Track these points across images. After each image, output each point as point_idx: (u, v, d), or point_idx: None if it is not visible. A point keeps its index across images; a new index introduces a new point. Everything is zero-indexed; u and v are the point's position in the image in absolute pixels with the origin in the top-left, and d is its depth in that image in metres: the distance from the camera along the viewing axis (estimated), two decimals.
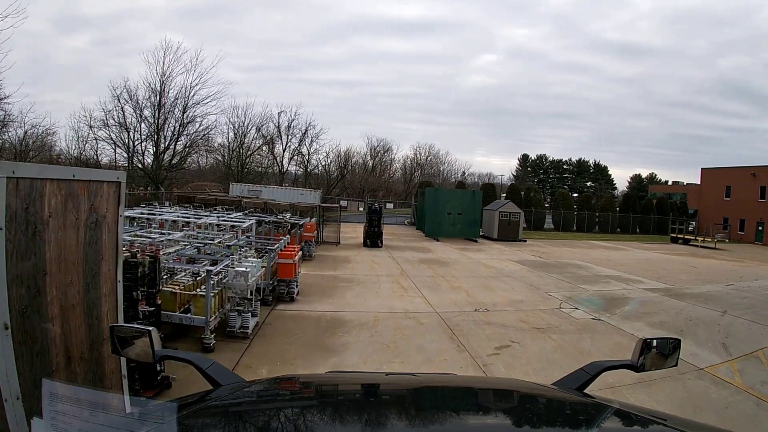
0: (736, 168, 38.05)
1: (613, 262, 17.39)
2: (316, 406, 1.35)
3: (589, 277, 13.24)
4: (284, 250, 8.72)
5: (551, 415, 1.36)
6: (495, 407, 1.41)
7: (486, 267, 13.77)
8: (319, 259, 13.53)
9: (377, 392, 1.51)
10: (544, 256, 17.77)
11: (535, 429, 1.21)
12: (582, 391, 1.53)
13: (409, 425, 1.15)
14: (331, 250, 15.80)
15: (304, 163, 44.69)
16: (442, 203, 21.70)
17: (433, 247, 18.06)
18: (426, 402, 1.42)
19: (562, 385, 1.59)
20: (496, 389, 1.71)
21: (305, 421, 1.16)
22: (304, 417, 1.20)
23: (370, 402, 1.42)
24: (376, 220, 17.27)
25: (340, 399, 1.47)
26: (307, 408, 1.31)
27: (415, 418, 1.22)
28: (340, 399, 1.47)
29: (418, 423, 1.18)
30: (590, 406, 1.39)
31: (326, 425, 1.12)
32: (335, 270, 11.81)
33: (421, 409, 1.33)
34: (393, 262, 13.57)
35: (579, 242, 26.33)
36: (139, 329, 1.50)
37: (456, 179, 56.11)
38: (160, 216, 11.87)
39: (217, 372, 1.51)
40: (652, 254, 21.76)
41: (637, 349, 1.60)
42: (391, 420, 1.18)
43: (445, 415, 1.25)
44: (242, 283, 6.42)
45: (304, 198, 23.50)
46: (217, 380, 1.47)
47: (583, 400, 1.43)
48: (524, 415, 1.34)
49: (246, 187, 25.39)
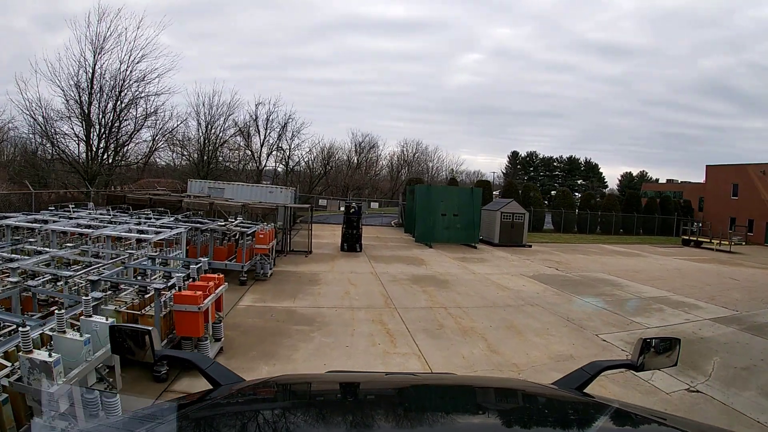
0: (744, 165, 35.56)
1: (643, 274, 14.31)
2: (315, 405, 1.34)
3: (633, 302, 10.06)
4: (193, 286, 5.26)
5: (551, 414, 1.33)
6: (495, 407, 1.40)
7: (498, 288, 10.45)
8: (278, 278, 10.05)
9: (377, 392, 1.48)
10: (560, 267, 14.56)
11: (535, 428, 1.18)
12: (582, 391, 1.50)
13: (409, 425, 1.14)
14: (299, 262, 12.34)
15: (285, 159, 41.43)
16: (435, 203, 18.32)
17: (426, 257, 14.70)
18: (426, 401, 1.39)
19: (562, 385, 1.55)
20: (496, 388, 1.69)
21: (305, 421, 1.14)
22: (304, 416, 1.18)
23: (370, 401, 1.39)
24: (354, 221, 15.10)
25: (339, 398, 1.46)
26: (306, 407, 1.30)
27: (415, 417, 1.20)
28: (339, 398, 1.46)
29: (418, 422, 1.17)
30: (590, 405, 1.37)
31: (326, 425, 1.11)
32: (294, 299, 8.34)
33: (422, 408, 1.31)
34: (376, 282, 10.16)
35: (587, 246, 23.34)
36: (138, 329, 1.51)
37: (446, 176, 52.90)
38: (52, 225, 8.31)
39: (217, 372, 1.49)
40: (676, 261, 18.82)
41: (637, 349, 1.58)
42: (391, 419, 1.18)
43: (445, 414, 1.25)
44: (44, 386, 2.99)
45: (273, 197, 19.90)
46: (217, 380, 1.45)
47: (583, 400, 1.41)
48: (524, 415, 1.32)
49: (207, 184, 21.67)
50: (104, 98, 18.25)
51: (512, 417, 1.28)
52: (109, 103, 18.59)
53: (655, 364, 1.64)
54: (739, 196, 35.68)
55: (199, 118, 28.37)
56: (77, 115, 17.86)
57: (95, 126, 18.33)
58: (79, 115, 17.82)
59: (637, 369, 1.60)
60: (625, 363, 1.64)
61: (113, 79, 18.58)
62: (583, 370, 1.60)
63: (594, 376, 1.56)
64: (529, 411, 1.37)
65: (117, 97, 18.54)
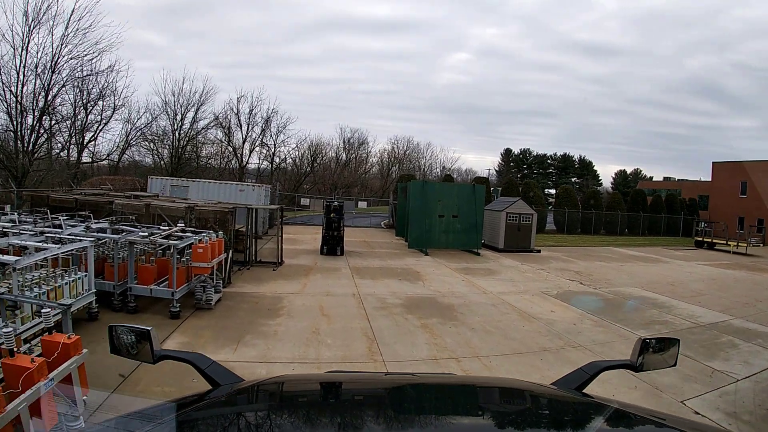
0: (754, 162, 33.60)
1: (680, 288, 11.96)
2: (314, 405, 1.32)
3: (696, 335, 7.67)
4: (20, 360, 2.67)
5: (551, 414, 1.33)
6: (494, 406, 1.39)
7: (522, 317, 7.94)
8: (227, 306, 7.44)
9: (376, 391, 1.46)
10: (583, 279, 12.13)
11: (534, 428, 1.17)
12: (581, 391, 1.48)
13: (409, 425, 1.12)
14: (263, 278, 9.73)
15: (270, 156, 38.82)
16: (432, 202, 15.75)
17: (422, 268, 12.16)
18: (425, 401, 1.37)
19: (562, 385, 1.54)
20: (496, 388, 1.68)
21: (304, 421, 1.12)
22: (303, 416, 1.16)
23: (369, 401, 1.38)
24: (336, 222, 13.84)
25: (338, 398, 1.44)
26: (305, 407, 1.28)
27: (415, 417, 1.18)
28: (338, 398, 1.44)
29: (418, 422, 1.15)
30: (589, 405, 1.35)
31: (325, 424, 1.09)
32: (236, 345, 5.69)
33: (421, 408, 1.29)
34: (358, 311, 7.58)
35: (598, 249, 21.07)
36: (137, 329, 1.52)
37: (439, 174, 50.41)
38: None
39: (217, 372, 1.48)
40: (701, 268, 16.56)
41: (636, 349, 1.58)
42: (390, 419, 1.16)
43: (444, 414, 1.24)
44: None
45: (244, 195, 17.25)
46: (217, 380, 1.45)
47: (582, 400, 1.39)
48: (523, 415, 1.30)
49: (169, 181, 18.94)
50: (37, 80, 15.26)
51: (512, 417, 1.26)
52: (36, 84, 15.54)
53: (654, 364, 1.62)
54: (747, 195, 33.79)
55: (167, 108, 25.41)
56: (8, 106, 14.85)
57: (27, 112, 15.33)
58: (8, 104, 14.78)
59: (636, 369, 1.58)
60: (624, 363, 1.60)
61: (47, 56, 15.60)
62: (583, 370, 1.57)
63: (593, 376, 1.54)
64: (529, 411, 1.34)
65: (50, 75, 15.54)
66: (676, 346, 1.66)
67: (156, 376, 4.39)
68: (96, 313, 6.85)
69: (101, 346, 5.20)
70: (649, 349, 1.60)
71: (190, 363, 1.52)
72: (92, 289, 6.75)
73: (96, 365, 3.97)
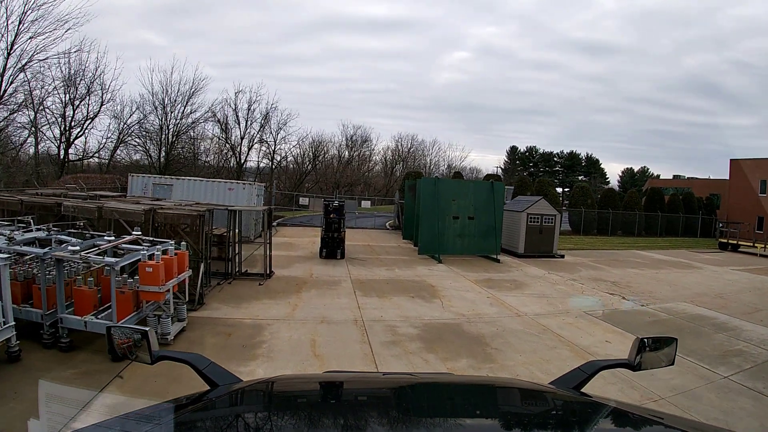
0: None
1: (730, 301, 10.24)
2: (313, 405, 1.30)
3: None
4: None
5: (549, 414, 1.30)
6: (492, 406, 1.37)
7: (575, 352, 6.12)
8: (190, 340, 5.71)
9: (375, 391, 1.44)
10: (625, 292, 10.33)
11: (533, 428, 1.14)
12: (579, 391, 1.46)
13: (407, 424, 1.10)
14: (245, 296, 7.99)
15: (270, 154, 37.07)
16: (445, 202, 13.95)
17: (437, 280, 10.39)
18: (423, 401, 1.33)
19: (560, 385, 1.52)
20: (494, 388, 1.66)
21: (302, 421, 1.11)
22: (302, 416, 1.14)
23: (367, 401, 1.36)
24: (336, 222, 12.97)
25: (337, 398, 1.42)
26: (304, 407, 1.25)
27: (413, 417, 1.16)
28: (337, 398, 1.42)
29: (416, 422, 1.12)
30: (588, 405, 1.33)
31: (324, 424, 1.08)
32: None
33: (419, 408, 1.25)
34: (361, 350, 5.79)
35: (623, 253, 19.37)
36: (136, 330, 1.48)
37: (444, 173, 48.48)
38: None
39: (215, 372, 1.45)
40: (738, 275, 14.74)
41: (634, 348, 1.55)
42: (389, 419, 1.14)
43: (442, 414, 1.21)
44: None
45: (234, 195, 15.48)
46: (215, 380, 1.41)
47: (580, 399, 1.37)
48: (522, 414, 1.28)
49: (151, 180, 17.20)
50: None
51: (510, 416, 1.25)
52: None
53: (652, 363, 1.59)
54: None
55: (154, 99, 23.67)
56: None
57: None
58: None
59: (634, 368, 1.55)
60: (622, 362, 1.57)
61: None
62: (581, 369, 1.55)
63: (591, 375, 1.52)
64: (527, 410, 1.32)
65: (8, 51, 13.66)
66: (673, 344, 1.62)
67: None
68: (17, 353, 5.18)
69: (23, 405, 3.60)
70: (646, 348, 1.55)
71: (188, 363, 1.47)
72: (9, 321, 5.07)
73: None
